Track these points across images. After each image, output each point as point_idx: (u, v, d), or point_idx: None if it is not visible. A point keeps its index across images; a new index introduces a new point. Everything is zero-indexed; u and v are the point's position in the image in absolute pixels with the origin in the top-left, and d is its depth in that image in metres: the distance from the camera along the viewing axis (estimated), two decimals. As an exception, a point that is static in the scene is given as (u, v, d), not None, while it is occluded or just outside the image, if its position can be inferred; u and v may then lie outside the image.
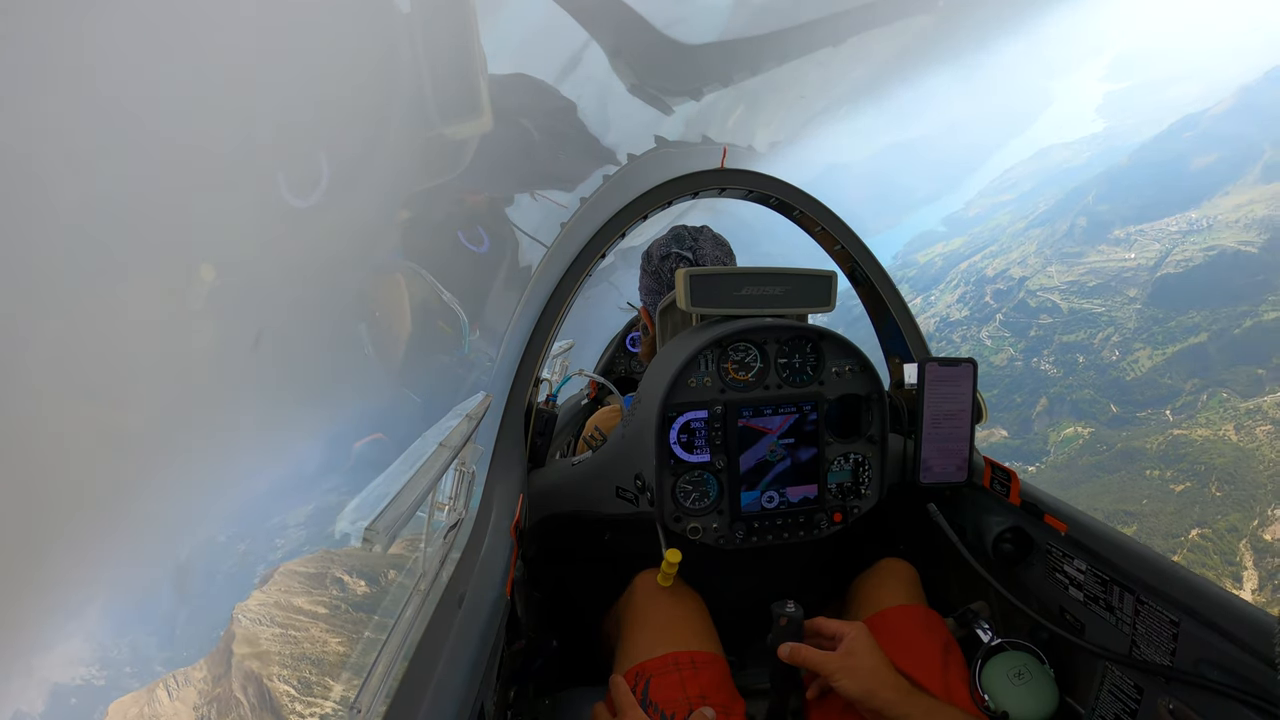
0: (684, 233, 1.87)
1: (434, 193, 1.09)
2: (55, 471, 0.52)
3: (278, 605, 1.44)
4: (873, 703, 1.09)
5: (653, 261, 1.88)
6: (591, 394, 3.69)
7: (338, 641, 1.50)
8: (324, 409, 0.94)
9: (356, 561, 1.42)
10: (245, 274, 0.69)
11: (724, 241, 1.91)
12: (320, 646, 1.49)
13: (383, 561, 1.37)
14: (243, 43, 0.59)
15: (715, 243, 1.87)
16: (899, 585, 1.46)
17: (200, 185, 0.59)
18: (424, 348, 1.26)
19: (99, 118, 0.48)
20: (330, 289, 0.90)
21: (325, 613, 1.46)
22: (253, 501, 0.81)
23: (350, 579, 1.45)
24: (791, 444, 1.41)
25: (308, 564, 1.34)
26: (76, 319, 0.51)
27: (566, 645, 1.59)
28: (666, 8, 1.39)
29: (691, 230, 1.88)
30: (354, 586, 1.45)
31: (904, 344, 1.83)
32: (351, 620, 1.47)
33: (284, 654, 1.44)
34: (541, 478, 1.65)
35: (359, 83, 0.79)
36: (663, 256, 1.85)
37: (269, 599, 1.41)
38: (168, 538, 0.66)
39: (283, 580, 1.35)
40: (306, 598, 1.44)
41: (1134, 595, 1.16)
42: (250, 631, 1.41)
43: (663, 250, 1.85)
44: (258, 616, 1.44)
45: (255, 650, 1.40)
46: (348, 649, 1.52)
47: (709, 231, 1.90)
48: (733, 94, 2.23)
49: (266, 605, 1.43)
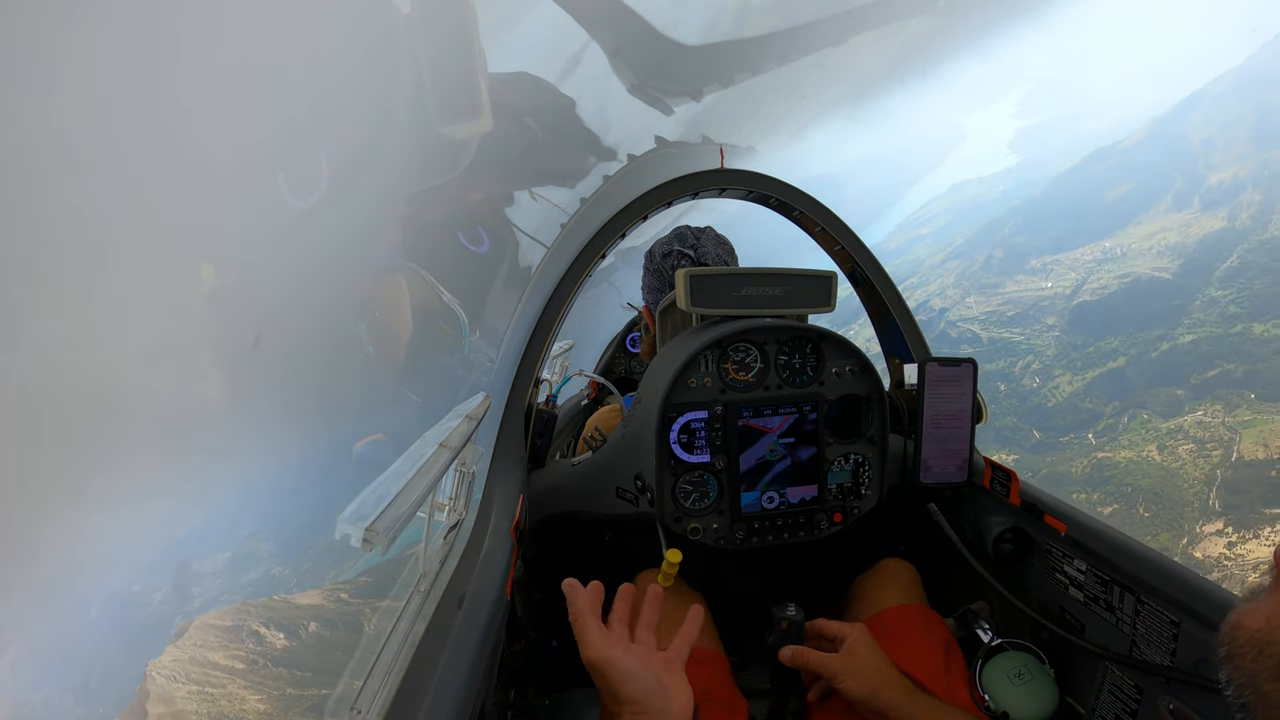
0: (687, 231, 1.87)
1: (434, 193, 1.09)
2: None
3: (193, 661, 1.36)
4: (877, 704, 1.09)
5: (655, 260, 1.89)
6: (591, 394, 3.69)
7: (258, 699, 1.43)
8: (307, 428, 0.92)
9: (274, 613, 1.35)
10: (245, 274, 0.69)
11: (726, 241, 1.91)
12: (238, 704, 1.42)
13: (301, 613, 1.31)
14: (243, 42, 0.59)
15: (717, 242, 1.87)
16: (899, 585, 1.46)
17: (200, 185, 0.59)
18: (424, 348, 1.26)
19: (99, 118, 0.48)
20: (330, 289, 0.90)
21: (243, 668, 1.39)
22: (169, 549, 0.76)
23: (268, 631, 1.39)
24: (791, 443, 1.41)
25: (224, 616, 1.28)
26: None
27: (566, 645, 1.59)
28: (666, 8, 1.39)
29: (695, 230, 1.89)
30: (272, 640, 1.38)
31: (904, 344, 1.83)
32: (270, 675, 1.42)
33: (201, 713, 1.36)
34: (541, 478, 1.65)
35: (359, 82, 0.79)
36: (665, 254, 1.85)
37: (184, 654, 1.33)
38: (82, 585, 0.62)
39: (198, 634, 1.29)
40: (223, 652, 1.37)
41: (1134, 595, 1.16)
42: (165, 690, 1.32)
43: (665, 248, 1.86)
44: (173, 673, 1.35)
45: (171, 710, 1.32)
46: (269, 706, 1.45)
47: (712, 231, 1.91)
48: (733, 94, 2.23)
49: (181, 661, 1.34)
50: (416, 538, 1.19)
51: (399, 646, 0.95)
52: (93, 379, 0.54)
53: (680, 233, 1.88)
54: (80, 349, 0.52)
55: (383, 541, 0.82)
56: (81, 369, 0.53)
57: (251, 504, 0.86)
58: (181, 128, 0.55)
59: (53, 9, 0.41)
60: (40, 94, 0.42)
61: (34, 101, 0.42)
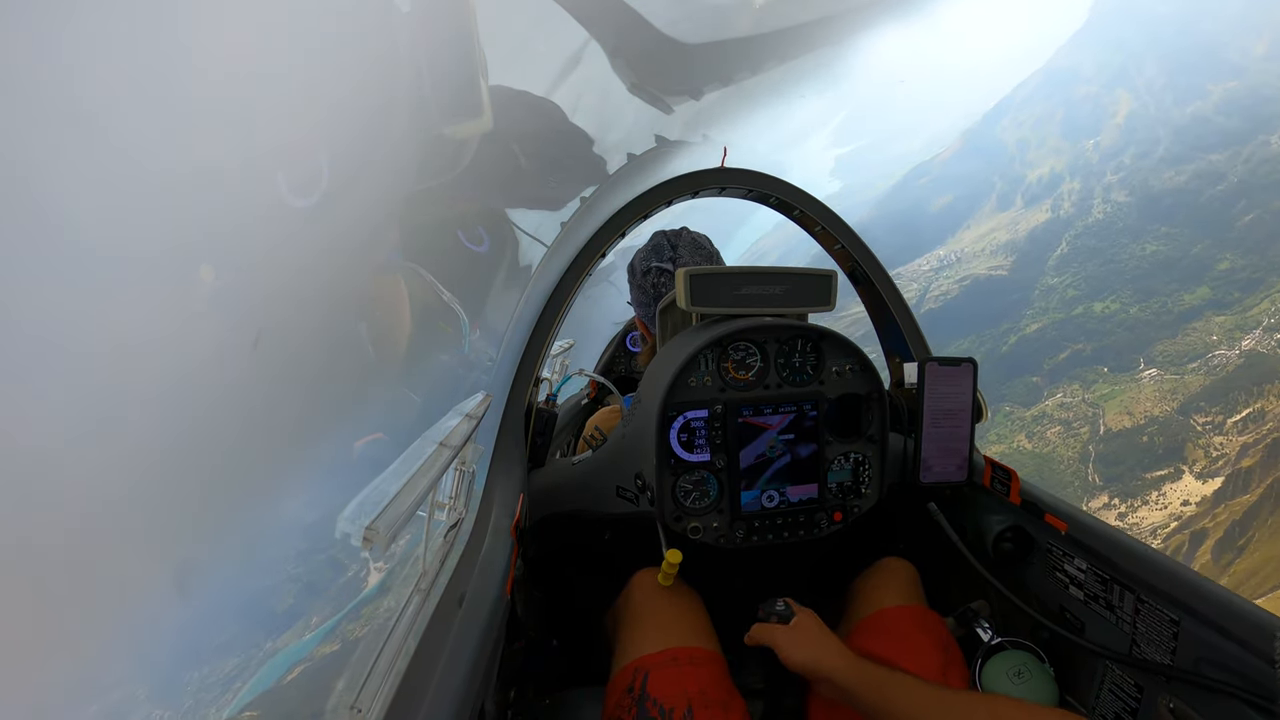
0: (663, 242, 1.89)
1: (434, 192, 1.09)
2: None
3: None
4: (820, 670, 1.11)
5: (636, 275, 1.92)
6: (591, 394, 3.69)
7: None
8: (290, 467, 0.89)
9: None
10: (245, 275, 0.69)
11: (704, 243, 1.92)
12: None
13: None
14: (242, 42, 0.59)
15: (694, 246, 1.89)
16: (899, 584, 1.46)
17: (200, 185, 0.59)
18: (424, 347, 1.26)
19: (99, 118, 0.48)
20: (330, 289, 0.89)
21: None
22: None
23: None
24: (791, 440, 1.41)
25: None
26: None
27: (566, 645, 1.59)
28: (666, 8, 1.39)
29: (670, 237, 1.90)
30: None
31: (904, 343, 1.83)
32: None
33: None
34: (542, 477, 1.65)
35: (359, 82, 0.79)
36: (644, 272, 1.89)
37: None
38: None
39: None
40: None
41: (1134, 594, 1.16)
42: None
43: (644, 265, 1.89)
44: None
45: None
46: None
47: (688, 234, 1.92)
48: (733, 94, 2.23)
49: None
50: (417, 538, 1.19)
51: (399, 646, 0.95)
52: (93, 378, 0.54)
53: (657, 244, 1.89)
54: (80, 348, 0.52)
55: (382, 541, 0.82)
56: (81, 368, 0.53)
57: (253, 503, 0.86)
58: (182, 127, 0.55)
59: (53, 7, 0.41)
60: (39, 94, 0.42)
61: (33, 102, 0.42)
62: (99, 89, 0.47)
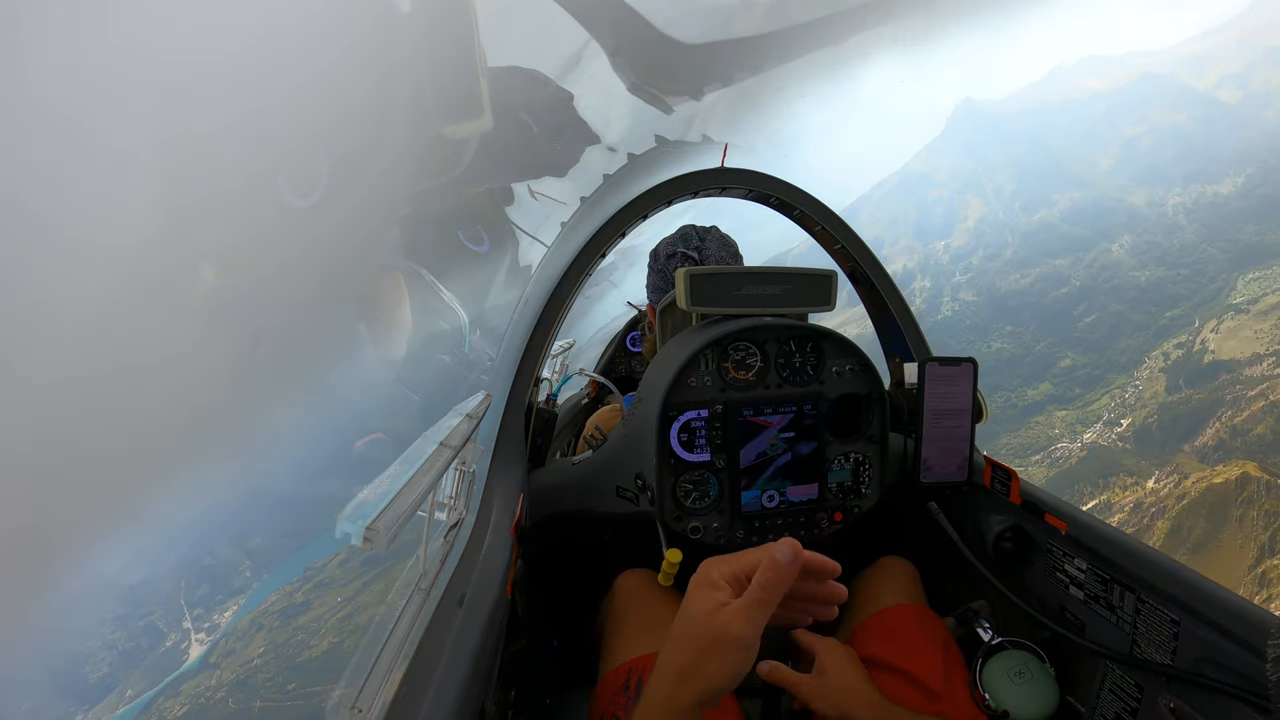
0: (692, 232, 1.89)
1: (434, 192, 1.09)
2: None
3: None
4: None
5: (659, 260, 1.91)
6: (591, 394, 3.69)
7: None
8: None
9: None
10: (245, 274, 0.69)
11: (731, 242, 1.91)
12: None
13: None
14: (243, 41, 0.58)
15: (721, 243, 1.88)
16: (899, 584, 1.46)
17: (200, 185, 0.59)
18: (424, 347, 1.25)
19: (99, 117, 0.47)
20: (330, 289, 0.89)
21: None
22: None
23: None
24: (791, 438, 1.41)
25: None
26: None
27: (566, 645, 1.59)
28: (666, 8, 1.38)
29: (700, 230, 1.90)
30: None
31: (904, 343, 1.83)
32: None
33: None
34: (542, 477, 1.65)
35: (359, 82, 0.79)
36: (669, 255, 1.87)
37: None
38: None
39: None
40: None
41: (1134, 594, 1.16)
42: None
43: (669, 249, 1.88)
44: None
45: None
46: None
47: (718, 232, 1.92)
48: (733, 94, 2.22)
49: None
50: (417, 537, 1.18)
51: (399, 646, 0.95)
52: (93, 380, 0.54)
53: (685, 233, 1.88)
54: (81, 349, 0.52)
55: (383, 540, 0.82)
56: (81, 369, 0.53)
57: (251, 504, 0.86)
58: (182, 127, 0.55)
59: (53, 7, 0.41)
60: (40, 93, 0.42)
61: (33, 101, 0.42)
62: (99, 89, 0.47)
